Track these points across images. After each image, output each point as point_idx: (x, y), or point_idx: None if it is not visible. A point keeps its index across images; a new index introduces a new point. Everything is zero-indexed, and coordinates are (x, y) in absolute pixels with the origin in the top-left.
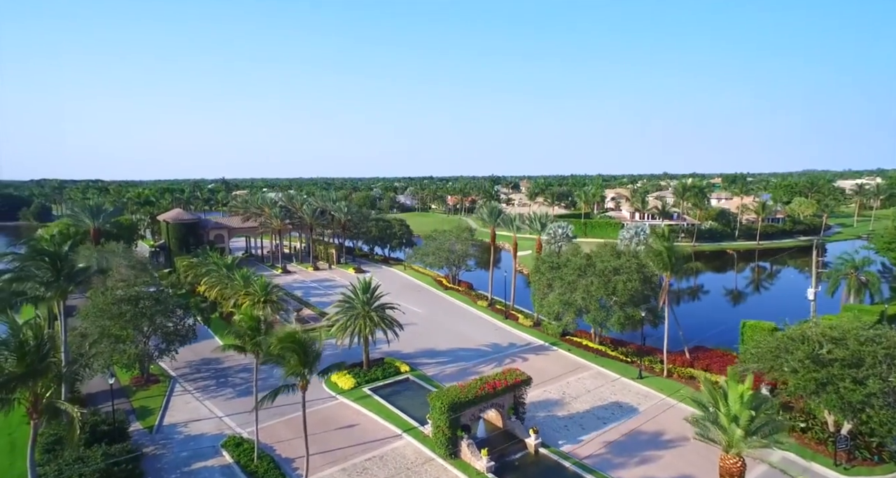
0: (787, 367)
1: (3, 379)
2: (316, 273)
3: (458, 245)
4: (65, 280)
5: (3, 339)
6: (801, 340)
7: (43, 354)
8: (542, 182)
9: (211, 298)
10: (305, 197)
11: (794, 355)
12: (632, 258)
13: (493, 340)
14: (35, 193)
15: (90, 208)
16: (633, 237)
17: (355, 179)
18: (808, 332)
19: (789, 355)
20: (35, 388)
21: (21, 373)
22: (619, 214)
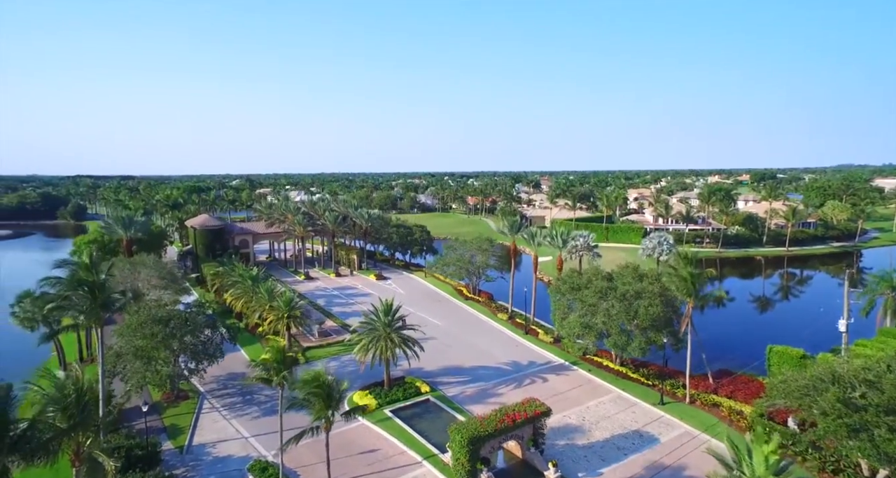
0: (816, 409)
1: (49, 435)
2: (338, 280)
3: (478, 256)
4: (102, 309)
5: (51, 395)
6: (832, 381)
7: (83, 408)
8: (564, 182)
9: (236, 310)
10: (328, 202)
11: (825, 397)
12: (654, 281)
13: (513, 357)
14: (71, 192)
15: (123, 220)
16: (655, 247)
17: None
18: (838, 369)
19: (819, 397)
20: (77, 438)
21: (65, 428)
22: (641, 218)
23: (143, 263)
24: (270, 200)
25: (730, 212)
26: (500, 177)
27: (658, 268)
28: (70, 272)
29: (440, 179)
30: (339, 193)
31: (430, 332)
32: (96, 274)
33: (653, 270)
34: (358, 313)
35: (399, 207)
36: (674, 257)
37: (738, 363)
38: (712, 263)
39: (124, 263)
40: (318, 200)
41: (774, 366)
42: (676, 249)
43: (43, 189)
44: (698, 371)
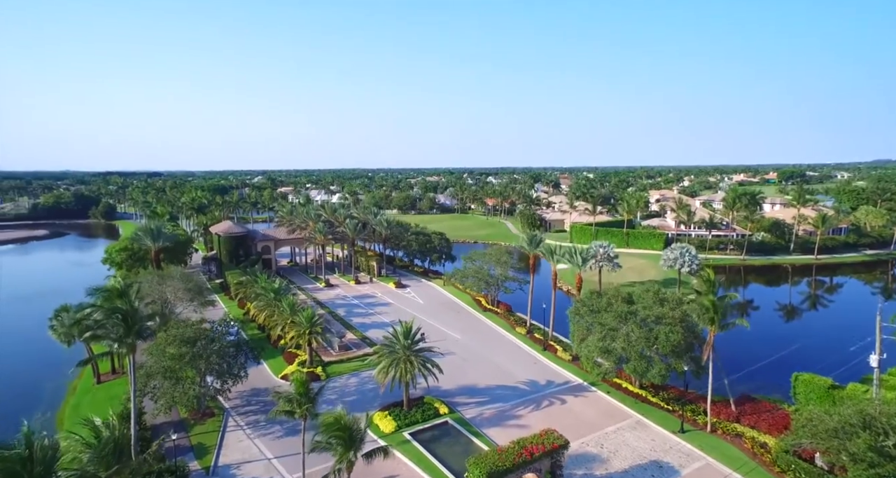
0: (845, 455)
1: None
2: (357, 287)
3: (497, 269)
4: (134, 337)
5: (87, 441)
6: (863, 425)
7: (119, 454)
8: (584, 183)
9: (259, 322)
10: (348, 209)
11: (855, 443)
12: (676, 306)
13: (531, 376)
14: (102, 191)
15: (152, 231)
16: (677, 259)
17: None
18: (870, 411)
19: (849, 441)
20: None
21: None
22: (662, 223)
23: (170, 276)
24: (291, 200)
25: (755, 219)
26: (519, 174)
27: (679, 291)
28: (103, 297)
29: (459, 176)
30: (358, 194)
31: (449, 346)
32: (129, 302)
33: (674, 294)
34: (377, 324)
35: (418, 208)
36: (696, 279)
37: (760, 386)
38: (736, 271)
39: (153, 275)
40: (338, 205)
41: (801, 395)
42: (699, 260)
43: (76, 188)
44: (718, 393)
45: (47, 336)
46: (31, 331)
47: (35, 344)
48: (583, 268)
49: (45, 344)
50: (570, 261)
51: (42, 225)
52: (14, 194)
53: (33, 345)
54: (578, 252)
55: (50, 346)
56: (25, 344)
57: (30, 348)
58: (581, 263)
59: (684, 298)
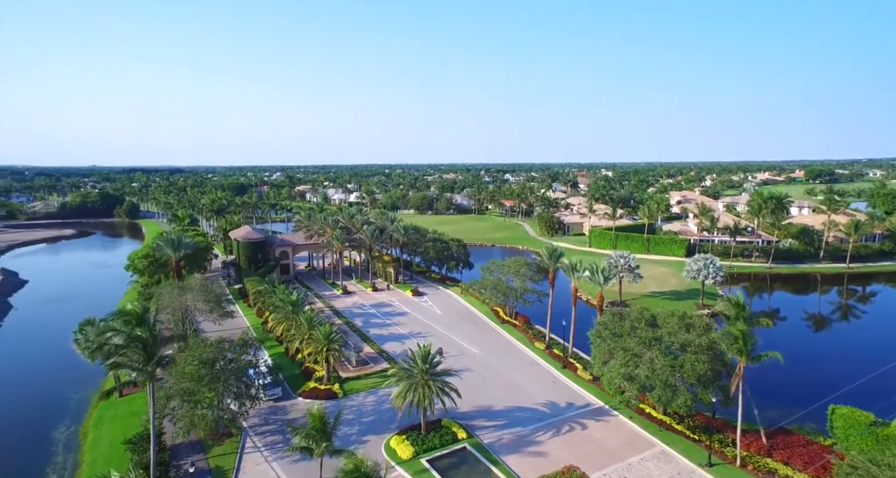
0: None
1: None
2: (375, 295)
3: (516, 281)
4: (154, 366)
5: None
6: None
7: None
8: (603, 183)
9: (277, 334)
10: (365, 215)
11: None
12: (703, 333)
13: (550, 397)
14: (126, 189)
15: (172, 242)
16: (700, 270)
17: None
18: None
19: None
20: None
21: None
22: (685, 228)
23: (189, 287)
24: (309, 198)
25: (782, 225)
26: (536, 171)
27: (701, 300)
28: (123, 320)
29: (476, 174)
30: (376, 193)
31: (466, 362)
32: (148, 329)
33: (701, 319)
34: (395, 337)
35: (435, 208)
36: (723, 302)
37: (792, 414)
38: (762, 279)
39: (173, 287)
40: (355, 211)
41: (839, 430)
42: (723, 272)
43: (102, 185)
44: (747, 420)
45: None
46: (60, 336)
47: (64, 348)
48: (605, 286)
49: (73, 350)
50: (592, 279)
51: (70, 224)
52: (44, 193)
53: (62, 350)
54: (600, 270)
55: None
56: (54, 348)
57: (59, 353)
58: (603, 281)
59: (711, 323)
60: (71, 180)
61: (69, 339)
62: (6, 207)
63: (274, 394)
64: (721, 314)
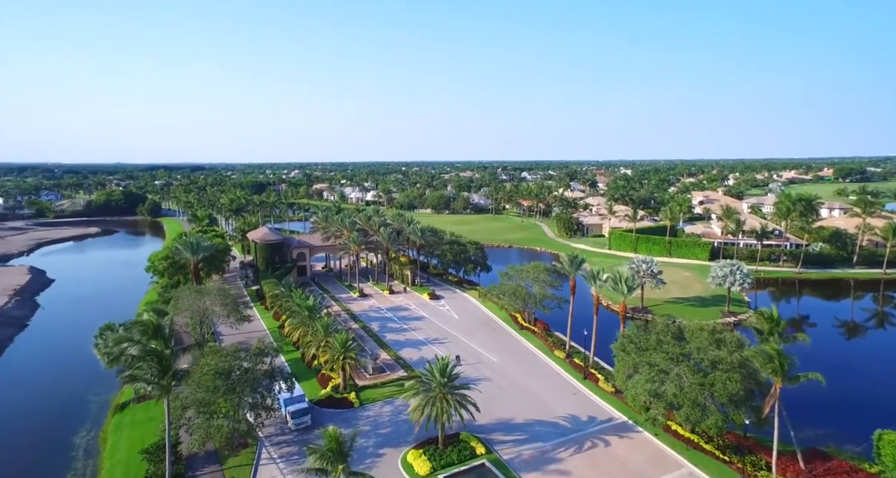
0: None
1: None
2: (391, 298)
3: (535, 287)
4: (169, 379)
5: None
6: None
7: None
8: (622, 183)
9: (293, 340)
10: (382, 217)
11: None
12: (735, 350)
13: (571, 410)
14: (148, 188)
15: (191, 245)
16: (727, 276)
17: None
18: None
19: None
20: None
21: None
22: (707, 230)
23: (207, 292)
24: (326, 197)
25: (813, 229)
26: (553, 169)
27: (727, 307)
28: (139, 331)
29: (493, 172)
30: (392, 192)
31: (484, 371)
32: (163, 341)
33: (733, 335)
34: (411, 343)
35: (452, 208)
36: (756, 316)
37: (829, 435)
38: (790, 284)
39: (191, 291)
40: (371, 212)
41: (888, 458)
42: (750, 279)
43: (126, 183)
44: (783, 440)
45: (115, 319)
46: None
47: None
48: (628, 296)
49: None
50: (615, 288)
51: (95, 222)
52: (71, 191)
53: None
54: (623, 279)
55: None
56: (77, 349)
57: (82, 354)
58: (626, 291)
59: (743, 339)
60: (97, 178)
61: (91, 341)
62: (36, 206)
63: (303, 422)
64: (753, 328)
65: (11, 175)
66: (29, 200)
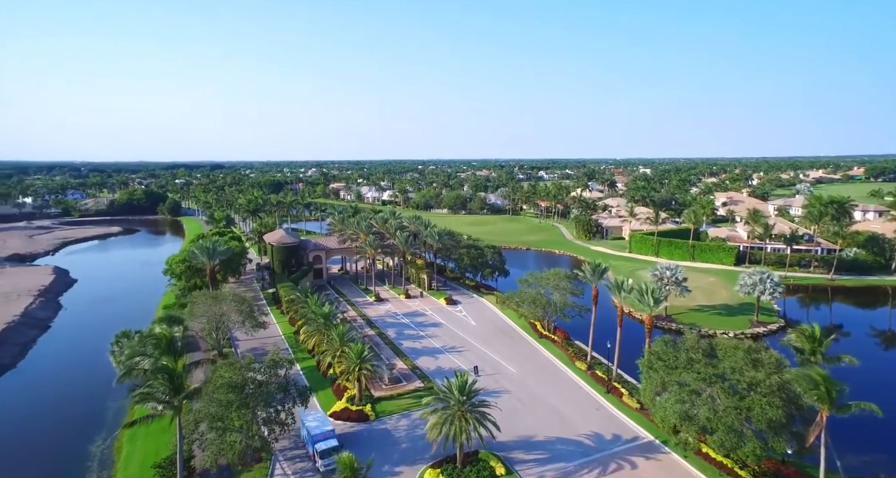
0: None
1: None
2: (408, 302)
3: (555, 295)
4: (181, 399)
5: None
6: None
7: None
8: (642, 184)
9: (308, 348)
10: (399, 220)
11: None
12: (774, 371)
13: (594, 427)
14: (169, 187)
15: (207, 250)
16: (755, 285)
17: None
18: None
19: None
20: None
21: None
22: (732, 234)
23: (223, 298)
24: (343, 196)
25: (847, 234)
26: (571, 168)
27: (755, 317)
28: (152, 344)
29: (510, 171)
30: (409, 191)
31: (503, 382)
32: (175, 357)
33: (771, 354)
34: (428, 351)
35: (468, 208)
36: (795, 333)
37: (877, 462)
38: (821, 291)
39: (206, 297)
40: (388, 214)
41: None
42: (781, 288)
43: (148, 181)
44: (829, 469)
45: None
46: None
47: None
48: (654, 309)
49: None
50: (640, 301)
51: (117, 221)
52: (96, 190)
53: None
54: (650, 291)
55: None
56: (95, 352)
57: (100, 357)
58: (653, 303)
59: (783, 360)
60: (120, 177)
61: (108, 347)
62: (63, 205)
63: (332, 463)
64: (792, 347)
65: (41, 174)
66: (56, 199)
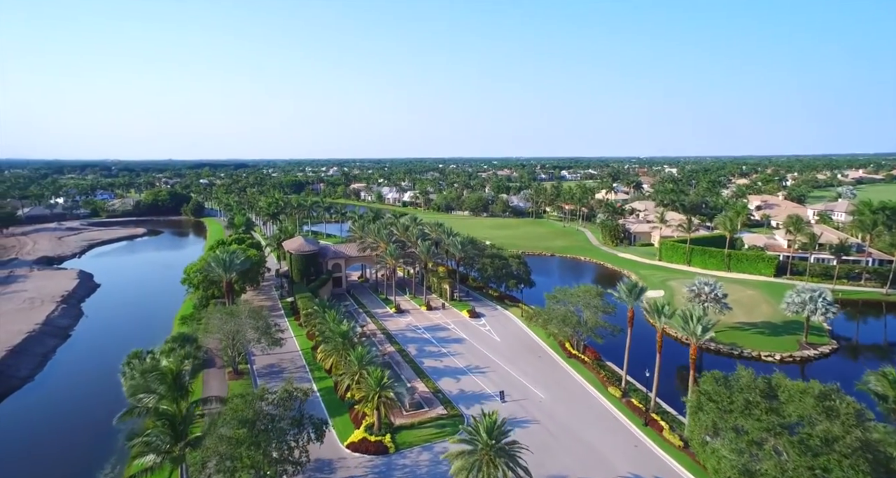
0: None
1: None
2: (429, 315)
3: (586, 313)
4: (183, 447)
5: None
6: None
7: None
8: (670, 186)
9: (325, 367)
10: (420, 228)
11: None
12: (855, 424)
13: (633, 467)
14: (193, 187)
15: (223, 262)
16: (805, 304)
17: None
18: None
19: None
20: None
21: None
22: (771, 242)
23: (238, 313)
24: (364, 197)
25: None
26: (594, 167)
27: (805, 338)
28: (157, 379)
29: (531, 170)
30: (430, 192)
31: (531, 410)
32: (178, 397)
33: (850, 403)
34: (450, 371)
35: (490, 211)
36: (873, 376)
37: None
38: (874, 307)
39: (222, 312)
40: (409, 222)
41: None
42: (835, 308)
43: (174, 182)
44: None
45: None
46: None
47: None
48: (700, 338)
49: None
50: (684, 328)
51: (143, 222)
52: (123, 191)
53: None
54: (696, 318)
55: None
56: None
57: (115, 371)
58: (700, 332)
59: (864, 411)
60: (147, 176)
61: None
62: (92, 206)
63: None
64: (872, 393)
65: (75, 173)
66: (85, 200)
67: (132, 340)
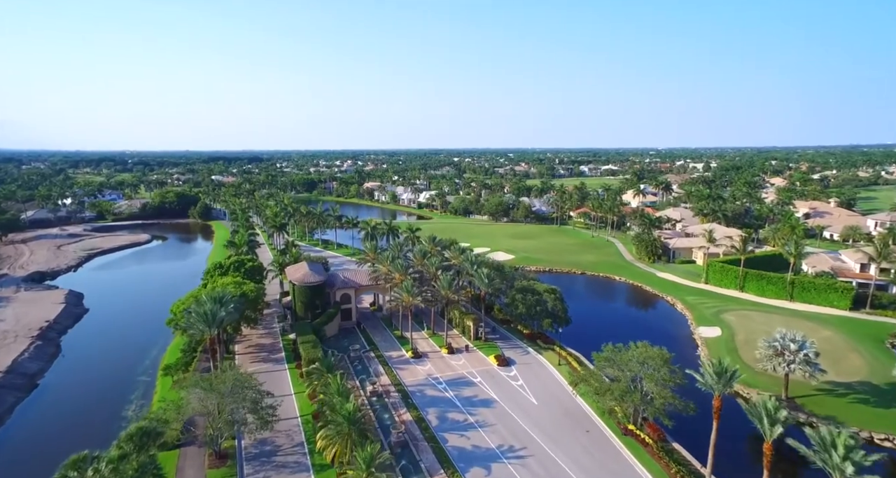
0: None
1: None
2: (451, 361)
3: (648, 384)
4: None
5: None
6: None
7: None
8: (706, 192)
9: (328, 459)
10: (441, 256)
11: None
12: None
13: None
14: (202, 188)
15: (206, 316)
16: None
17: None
18: None
19: None
20: None
21: None
22: (838, 264)
23: (221, 386)
24: (377, 197)
25: None
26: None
27: None
28: None
29: (549, 164)
30: (446, 193)
31: None
32: None
33: None
34: (480, 456)
35: (511, 216)
36: None
37: None
38: None
39: (198, 387)
40: (427, 247)
41: None
42: None
43: (186, 178)
44: None
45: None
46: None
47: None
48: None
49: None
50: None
51: (149, 225)
52: (132, 191)
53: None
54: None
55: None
56: (73, 441)
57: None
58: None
59: None
60: (160, 173)
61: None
62: (98, 208)
63: None
64: None
65: (90, 167)
66: (91, 202)
67: (105, 401)
